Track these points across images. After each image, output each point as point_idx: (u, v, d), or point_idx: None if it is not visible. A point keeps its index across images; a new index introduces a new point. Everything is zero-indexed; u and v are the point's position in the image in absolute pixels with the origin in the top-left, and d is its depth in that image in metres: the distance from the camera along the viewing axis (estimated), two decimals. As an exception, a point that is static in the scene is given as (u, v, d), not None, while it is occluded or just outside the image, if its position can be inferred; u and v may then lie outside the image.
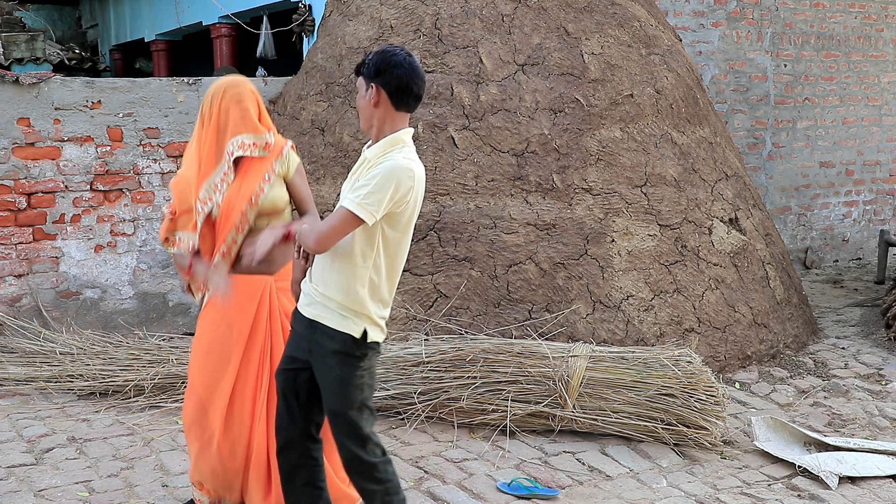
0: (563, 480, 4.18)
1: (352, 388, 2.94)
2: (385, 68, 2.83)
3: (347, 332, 2.92)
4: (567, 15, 6.09)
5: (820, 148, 9.47)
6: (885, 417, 5.12)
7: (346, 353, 2.93)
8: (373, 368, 3.02)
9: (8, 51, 9.07)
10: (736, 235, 6.12)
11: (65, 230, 6.23)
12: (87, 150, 6.26)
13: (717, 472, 4.35)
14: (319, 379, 3.00)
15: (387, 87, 2.85)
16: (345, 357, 2.93)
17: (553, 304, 5.34)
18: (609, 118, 5.87)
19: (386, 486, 3.01)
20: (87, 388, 5.16)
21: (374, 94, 2.86)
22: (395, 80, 2.84)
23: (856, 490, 4.20)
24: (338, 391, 2.95)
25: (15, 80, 6.02)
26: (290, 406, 3.10)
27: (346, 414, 2.95)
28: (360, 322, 2.93)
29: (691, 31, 8.37)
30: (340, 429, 2.99)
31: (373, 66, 2.85)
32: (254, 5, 8.57)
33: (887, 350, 6.32)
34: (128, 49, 12.23)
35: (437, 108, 5.74)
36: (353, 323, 2.92)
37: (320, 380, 3.00)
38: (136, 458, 4.31)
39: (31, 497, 3.87)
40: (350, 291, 2.91)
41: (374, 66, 2.85)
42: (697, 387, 4.53)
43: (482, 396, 4.61)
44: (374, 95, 2.86)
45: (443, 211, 5.53)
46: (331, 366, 2.94)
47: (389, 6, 6.18)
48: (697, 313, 5.62)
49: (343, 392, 2.95)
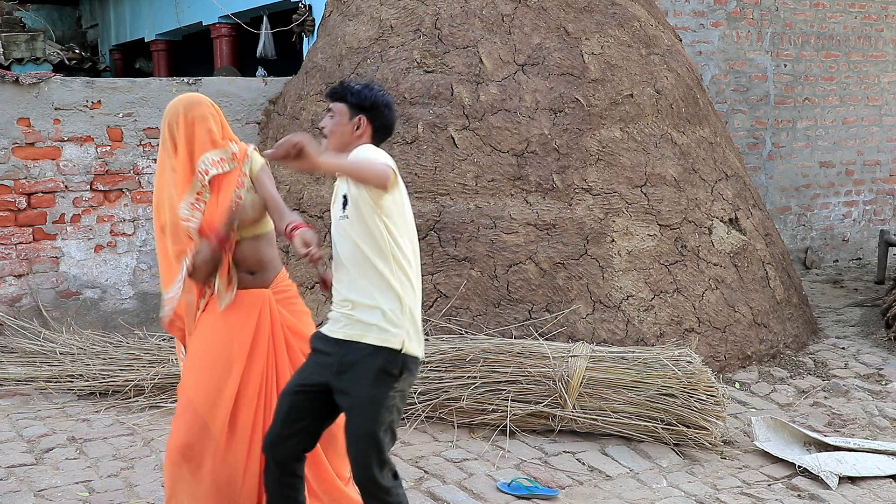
0: (563, 480, 4.18)
1: (383, 409, 2.90)
2: (375, 106, 2.98)
3: (385, 346, 2.88)
4: (567, 15, 6.09)
5: (820, 148, 9.47)
6: (885, 417, 5.12)
7: (384, 371, 2.89)
8: (405, 392, 2.98)
9: (8, 51, 9.07)
10: (736, 235, 6.12)
11: (65, 230, 6.23)
12: (87, 150, 6.26)
13: (717, 472, 4.35)
14: (348, 400, 2.94)
15: (375, 123, 3.00)
16: (381, 375, 2.89)
17: (553, 304, 5.34)
18: (609, 118, 5.87)
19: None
20: (87, 388, 5.16)
21: (363, 126, 2.99)
22: (384, 119, 3.01)
23: (856, 490, 4.20)
24: (368, 411, 2.90)
25: (15, 80, 6.02)
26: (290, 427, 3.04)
27: (374, 435, 2.90)
28: (398, 332, 2.90)
29: (691, 31, 8.37)
30: (363, 450, 2.93)
31: (362, 98, 2.98)
32: (254, 5, 8.58)
33: (887, 350, 6.32)
34: (128, 49, 12.23)
35: (437, 108, 5.74)
36: (391, 335, 2.89)
37: (349, 400, 2.94)
38: (136, 458, 4.31)
39: (31, 497, 3.87)
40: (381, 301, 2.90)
41: (364, 100, 2.98)
42: (697, 387, 4.53)
43: (482, 396, 4.61)
44: (363, 127, 2.99)
45: (443, 211, 5.53)
46: (365, 385, 2.90)
47: (389, 6, 6.18)
48: (697, 313, 5.62)
49: (373, 413, 2.90)
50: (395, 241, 2.91)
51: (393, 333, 2.89)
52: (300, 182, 6.04)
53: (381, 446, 2.93)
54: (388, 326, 2.89)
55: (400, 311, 2.90)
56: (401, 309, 2.91)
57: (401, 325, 2.90)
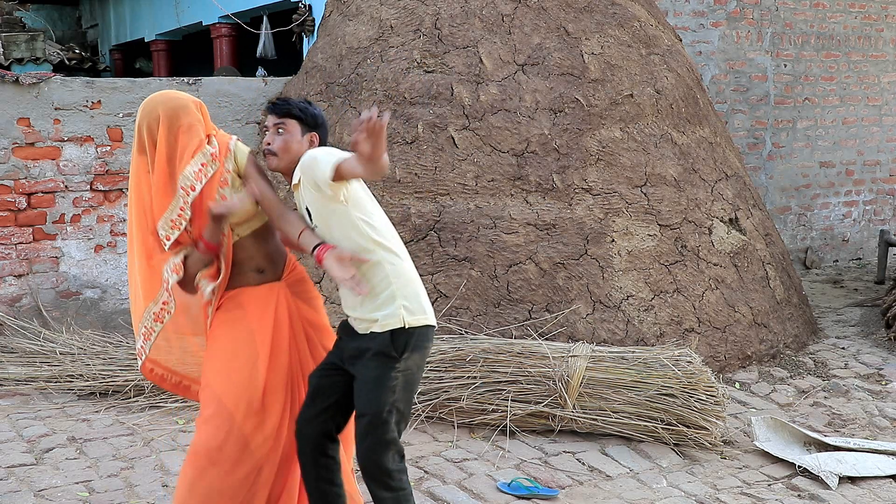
0: (563, 480, 4.18)
1: (386, 389, 2.95)
2: (321, 123, 3.15)
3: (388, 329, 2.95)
4: (567, 15, 6.09)
5: (820, 148, 9.47)
6: (885, 417, 5.12)
7: (383, 353, 2.96)
8: (412, 371, 3.02)
9: (8, 51, 9.07)
10: (736, 235, 6.12)
11: (65, 230, 6.23)
12: (87, 150, 6.26)
13: (717, 472, 4.35)
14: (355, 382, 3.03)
15: (322, 138, 3.16)
16: (381, 357, 2.96)
17: (553, 304, 5.34)
18: (609, 118, 5.87)
19: (397, 494, 3.02)
20: (87, 388, 5.16)
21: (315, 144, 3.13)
22: (326, 134, 3.19)
23: (856, 490, 4.20)
24: (371, 393, 2.97)
25: (15, 80, 6.02)
26: (318, 405, 3.12)
27: (378, 415, 2.96)
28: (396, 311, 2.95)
29: (691, 31, 8.37)
30: (367, 431, 2.98)
31: (315, 117, 3.14)
32: (254, 5, 8.58)
33: (887, 350, 6.32)
34: (128, 49, 12.23)
35: (437, 108, 5.74)
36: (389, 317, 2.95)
37: (356, 383, 3.02)
38: (136, 458, 4.31)
39: (31, 497, 3.87)
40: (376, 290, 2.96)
41: (316, 118, 3.14)
42: (697, 387, 4.53)
43: (482, 396, 4.61)
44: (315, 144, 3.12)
45: (443, 211, 5.53)
46: (368, 367, 2.98)
47: (389, 6, 6.18)
48: (697, 313, 5.62)
49: (376, 394, 2.96)
50: (370, 226, 2.99)
51: (391, 314, 2.95)
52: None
53: (387, 427, 2.96)
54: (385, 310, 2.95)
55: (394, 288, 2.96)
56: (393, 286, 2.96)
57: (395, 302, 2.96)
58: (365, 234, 2.96)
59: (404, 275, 3.01)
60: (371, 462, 2.98)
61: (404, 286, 3.00)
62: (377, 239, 2.98)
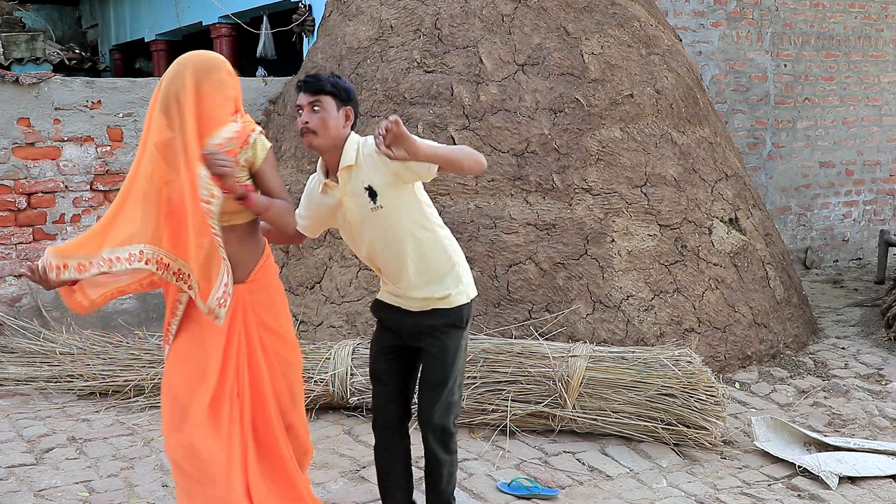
0: (563, 480, 4.18)
1: (458, 357, 3.21)
2: (354, 97, 3.15)
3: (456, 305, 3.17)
4: (567, 15, 6.09)
5: (820, 148, 9.47)
6: (885, 417, 5.12)
7: (454, 325, 3.19)
8: (467, 338, 3.29)
9: (8, 51, 9.08)
10: (736, 235, 6.12)
11: (65, 230, 6.23)
12: (87, 150, 6.26)
13: (717, 472, 4.35)
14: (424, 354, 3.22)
15: (356, 111, 3.17)
16: (453, 329, 3.19)
17: (553, 304, 5.34)
18: (609, 118, 5.87)
19: (454, 457, 3.29)
20: (87, 388, 5.16)
21: (351, 117, 3.14)
22: (357, 107, 3.19)
23: (856, 490, 4.20)
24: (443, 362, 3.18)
25: (15, 80, 6.02)
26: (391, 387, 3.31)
27: (446, 382, 3.18)
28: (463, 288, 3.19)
29: (691, 31, 8.37)
30: (442, 395, 3.19)
31: (346, 91, 3.13)
32: (254, 5, 8.58)
33: (887, 350, 6.32)
34: (128, 49, 12.24)
35: (437, 108, 5.74)
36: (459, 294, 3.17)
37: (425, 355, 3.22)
38: (136, 458, 4.31)
39: (31, 497, 3.87)
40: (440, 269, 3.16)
41: (347, 92, 3.13)
42: (697, 387, 4.52)
43: (482, 396, 4.61)
44: (351, 118, 3.14)
45: (443, 211, 5.53)
46: (439, 339, 3.18)
47: (389, 6, 6.18)
48: (697, 313, 5.62)
49: (448, 363, 3.19)
50: (430, 207, 3.19)
51: (460, 291, 3.18)
52: (300, 182, 6.04)
53: (458, 391, 3.25)
54: (453, 288, 3.17)
55: (458, 267, 3.19)
56: (457, 265, 3.19)
57: (461, 280, 3.19)
58: (426, 213, 3.15)
59: (458, 251, 3.25)
60: (441, 425, 3.20)
61: (462, 262, 3.23)
62: (436, 220, 3.18)
